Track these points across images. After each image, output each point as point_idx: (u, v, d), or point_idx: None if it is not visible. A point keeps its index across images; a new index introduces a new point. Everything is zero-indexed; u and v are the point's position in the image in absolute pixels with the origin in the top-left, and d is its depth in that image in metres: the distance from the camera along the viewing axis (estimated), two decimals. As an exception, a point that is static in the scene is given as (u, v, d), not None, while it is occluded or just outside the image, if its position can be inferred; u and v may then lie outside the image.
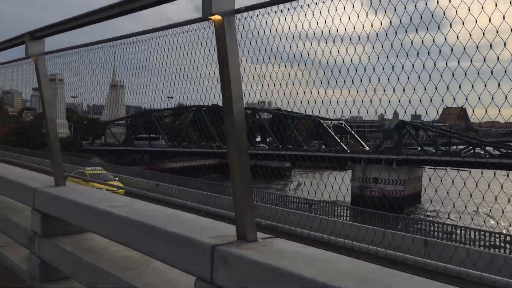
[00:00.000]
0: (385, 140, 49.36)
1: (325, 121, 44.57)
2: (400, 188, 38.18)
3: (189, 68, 4.90)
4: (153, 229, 2.79)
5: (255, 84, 4.15)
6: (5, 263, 4.60)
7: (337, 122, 45.87)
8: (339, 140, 44.14)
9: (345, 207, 27.80)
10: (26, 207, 4.43)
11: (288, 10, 3.23)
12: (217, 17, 2.14)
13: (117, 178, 29.90)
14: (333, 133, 44.82)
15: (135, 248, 3.05)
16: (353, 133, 51.56)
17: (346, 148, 42.61)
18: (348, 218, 27.97)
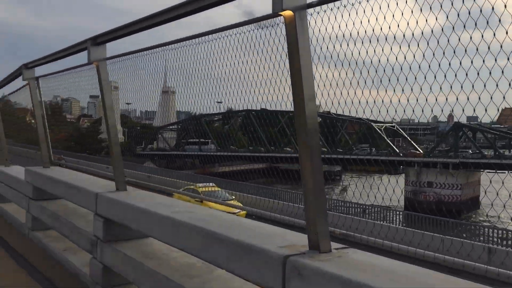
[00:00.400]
0: (440, 143, 47.53)
1: (376, 124, 43.50)
2: (457, 192, 36.55)
3: (236, 71, 4.77)
4: (216, 235, 2.69)
5: None
6: (68, 267, 4.67)
7: (389, 124, 44.64)
8: (391, 143, 42.91)
9: (399, 212, 26.95)
10: (88, 212, 4.48)
11: (338, 8, 3.04)
12: (288, 13, 2.01)
13: (233, 197, 26.53)
14: (384, 136, 43.64)
15: (197, 255, 2.97)
16: (406, 135, 50.01)
17: (398, 151, 41.36)
18: (401, 223, 27.12)
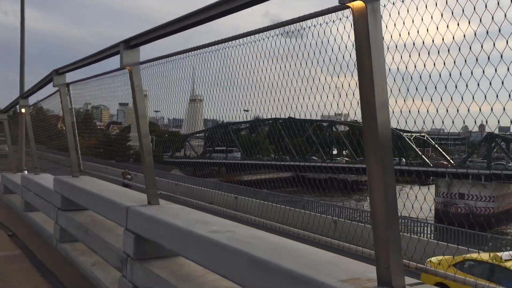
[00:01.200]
0: (471, 154, 46.19)
1: (405, 134, 42.60)
2: (490, 205, 35.28)
3: (265, 78, 4.51)
4: (259, 261, 2.37)
5: (331, 94, 3.68)
6: (96, 283, 4.42)
7: (419, 134, 43.63)
8: (420, 153, 41.90)
9: (430, 224, 26.06)
10: (117, 225, 4.24)
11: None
12: (358, 4, 1.70)
13: None
14: (414, 146, 42.66)
15: (236, 281, 2.64)
16: (436, 146, 48.77)
17: (428, 162, 40.30)
18: (431, 235, 26.23)
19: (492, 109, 2.86)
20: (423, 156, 41.88)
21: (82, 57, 5.14)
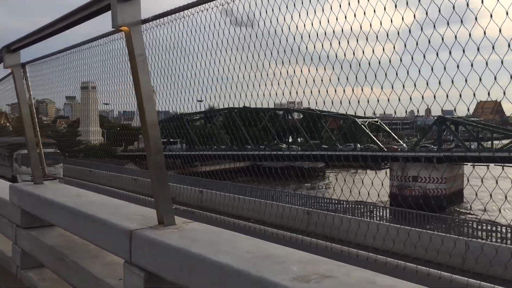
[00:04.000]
0: (423, 137, 47.61)
1: (360, 119, 43.32)
2: (442, 186, 36.52)
3: (218, 71, 4.32)
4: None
5: (283, 84, 3.63)
6: None
7: (373, 120, 44.53)
8: (375, 139, 42.77)
9: (385, 208, 26.68)
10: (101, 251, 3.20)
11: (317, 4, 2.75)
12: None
13: None
14: (369, 132, 43.50)
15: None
16: (389, 131, 49.97)
17: (383, 147, 41.22)
18: (386, 219, 26.85)
19: (435, 96, 2.99)
20: (377, 141, 42.80)
21: (45, 24, 3.93)
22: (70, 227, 3.65)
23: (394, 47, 3.12)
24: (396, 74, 3.09)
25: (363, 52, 3.06)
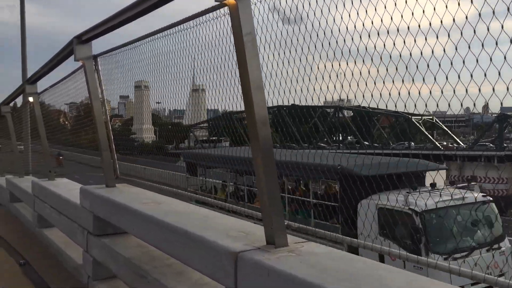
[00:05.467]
0: (482, 135, 45.43)
1: (414, 117, 41.91)
2: (501, 187, 34.63)
3: (267, 67, 4.08)
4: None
5: (332, 81, 3.33)
6: None
7: (428, 117, 42.93)
8: (430, 137, 41.23)
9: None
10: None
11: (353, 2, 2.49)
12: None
13: None
14: (423, 129, 42.00)
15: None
16: (445, 128, 48.01)
17: (439, 146, 39.63)
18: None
19: (494, 89, 2.73)
20: (432, 139, 41.23)
21: (121, 9, 3.49)
22: (152, 239, 3.24)
23: (449, 37, 2.89)
24: (451, 66, 2.86)
25: (415, 45, 2.85)
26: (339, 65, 3.37)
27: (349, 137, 48.97)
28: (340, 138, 50.95)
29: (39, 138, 7.51)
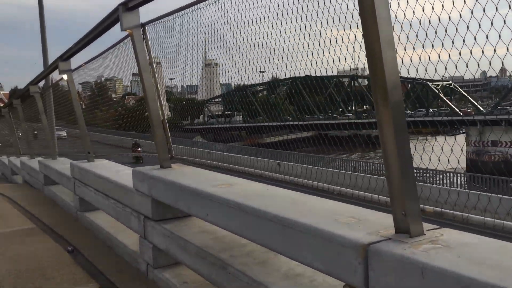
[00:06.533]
0: (503, 98, 44.31)
1: (432, 83, 41.00)
2: (525, 150, 33.89)
3: (279, 41, 3.91)
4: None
5: (345, 49, 3.16)
6: None
7: (446, 82, 41.94)
8: (449, 103, 40.37)
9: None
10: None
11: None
12: None
13: None
14: (442, 95, 41.10)
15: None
16: (465, 93, 46.92)
17: (458, 111, 38.79)
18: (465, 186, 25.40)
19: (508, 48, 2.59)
20: (451, 104, 40.37)
21: None
22: (234, 226, 2.77)
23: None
24: (467, 30, 2.66)
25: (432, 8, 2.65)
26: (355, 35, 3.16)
27: (365, 106, 48.30)
28: (356, 107, 50.28)
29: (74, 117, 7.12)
